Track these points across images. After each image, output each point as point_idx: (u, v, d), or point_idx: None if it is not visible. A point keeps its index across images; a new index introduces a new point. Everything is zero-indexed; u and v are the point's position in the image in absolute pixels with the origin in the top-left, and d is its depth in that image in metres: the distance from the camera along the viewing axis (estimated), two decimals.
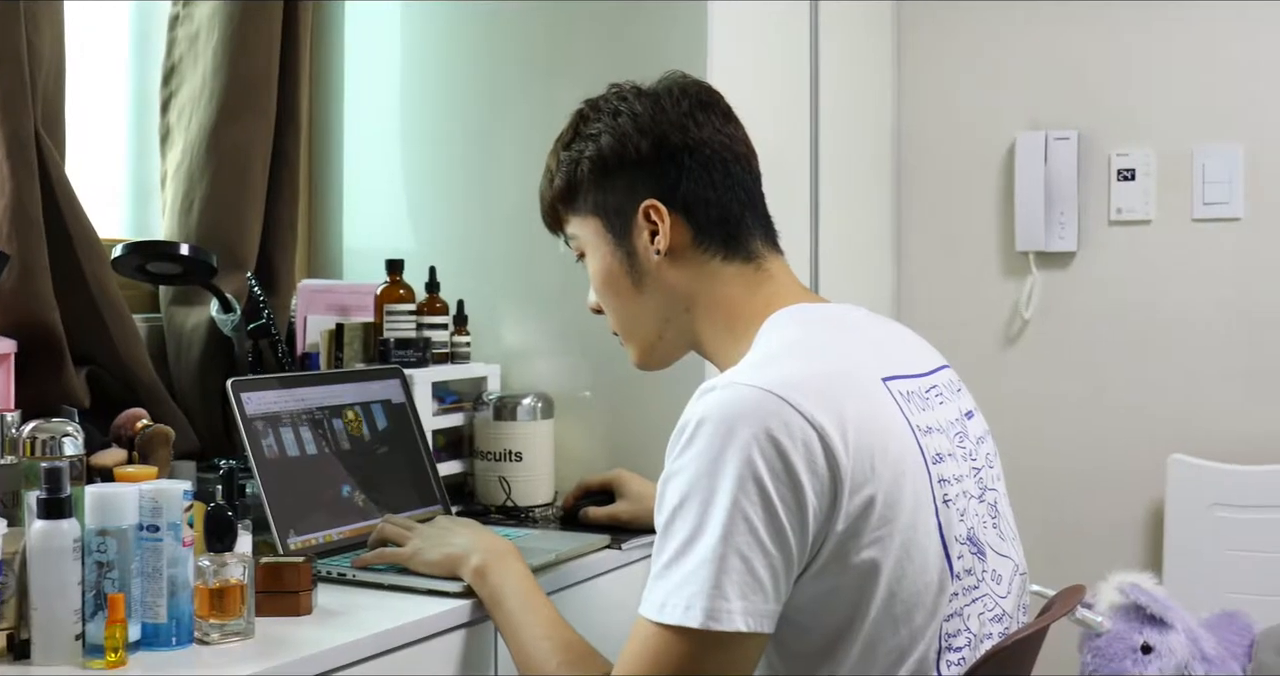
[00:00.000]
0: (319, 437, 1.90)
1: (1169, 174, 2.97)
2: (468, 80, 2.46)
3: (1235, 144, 2.93)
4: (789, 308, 1.50)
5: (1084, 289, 3.04)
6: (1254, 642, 2.55)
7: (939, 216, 3.16)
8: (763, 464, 1.28)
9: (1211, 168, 2.94)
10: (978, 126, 3.12)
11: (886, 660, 1.35)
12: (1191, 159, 2.95)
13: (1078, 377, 3.04)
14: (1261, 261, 2.91)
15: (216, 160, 2.23)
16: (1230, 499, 2.83)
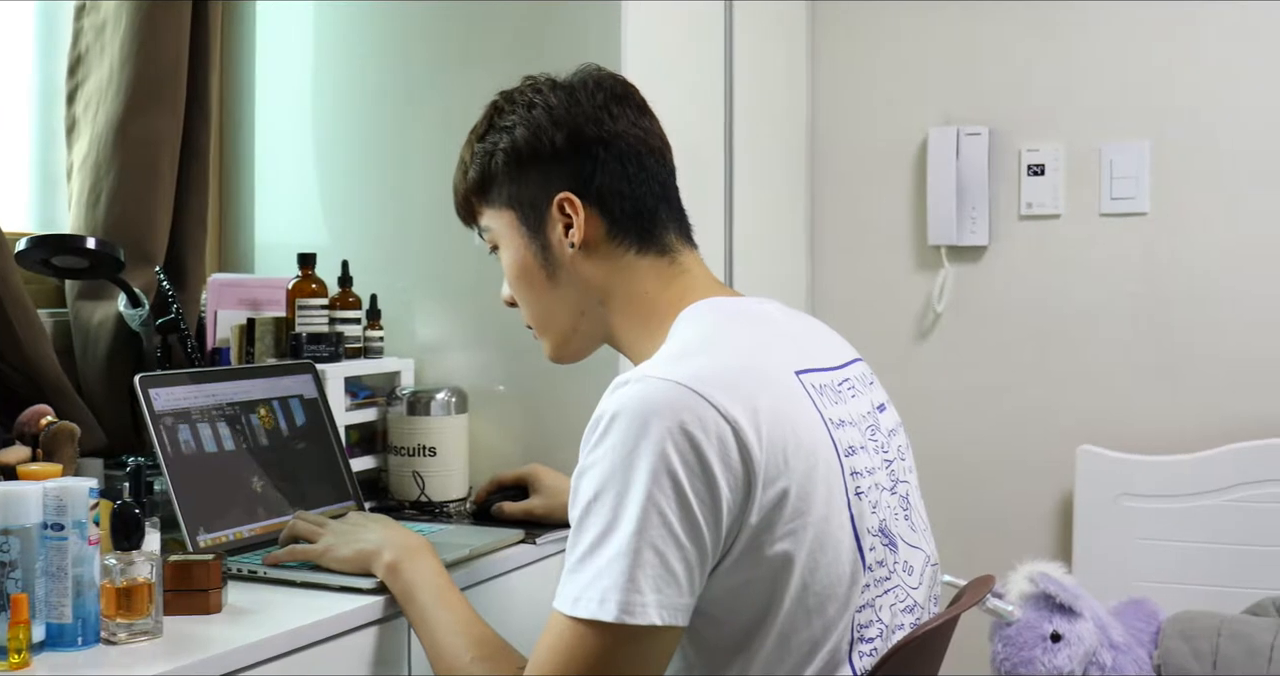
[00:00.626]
0: (229, 434, 1.88)
1: (1078, 169, 3.01)
2: (381, 73, 2.45)
3: (1142, 140, 2.97)
4: (703, 301, 1.51)
5: (995, 282, 3.07)
6: (1160, 629, 2.60)
7: (852, 211, 3.18)
8: (677, 457, 1.28)
9: (1119, 163, 2.99)
10: (891, 122, 3.15)
11: (800, 651, 1.36)
12: (1100, 155, 3.00)
13: (989, 370, 3.08)
14: (1167, 255, 2.96)
15: (124, 152, 2.20)
16: (1137, 489, 2.88)
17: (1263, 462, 2.82)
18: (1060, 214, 3.03)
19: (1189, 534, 2.85)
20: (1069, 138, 3.02)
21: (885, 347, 3.09)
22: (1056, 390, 3.03)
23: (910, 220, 3.13)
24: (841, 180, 3.19)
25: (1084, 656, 2.41)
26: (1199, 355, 2.94)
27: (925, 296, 3.12)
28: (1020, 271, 3.06)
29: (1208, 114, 2.93)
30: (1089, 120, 3.01)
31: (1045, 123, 3.04)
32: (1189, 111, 2.94)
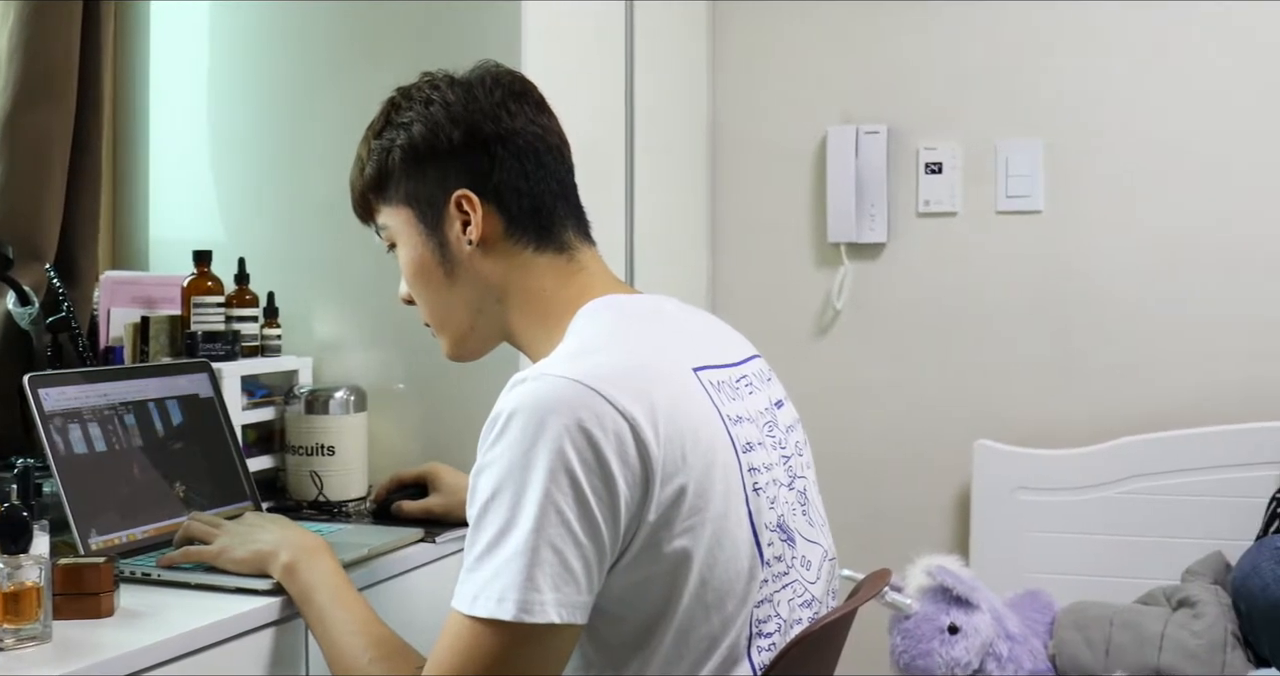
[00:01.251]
0: (122, 434, 1.84)
1: (974, 168, 3.06)
2: (280, 69, 2.42)
3: (1037, 139, 3.02)
4: (601, 299, 1.50)
5: (893, 279, 3.11)
6: (1055, 620, 2.65)
7: (753, 208, 3.20)
8: (574, 455, 1.28)
9: (1014, 162, 3.03)
10: (791, 121, 3.17)
11: (699, 647, 1.36)
12: (995, 153, 3.04)
13: (887, 366, 3.11)
14: (1060, 253, 3.01)
15: (12, 148, 2.15)
16: (1032, 482, 2.93)
17: (1153, 456, 2.89)
18: (957, 212, 3.07)
19: (1082, 526, 2.91)
20: (966, 136, 3.06)
21: (785, 344, 3.11)
22: (953, 386, 3.07)
23: (810, 217, 3.16)
24: (742, 178, 3.21)
25: (981, 647, 2.45)
26: (1092, 351, 2.99)
27: (825, 293, 3.14)
28: (918, 268, 3.09)
29: (1100, 114, 2.99)
30: (985, 119, 3.05)
31: (943, 121, 3.08)
32: (1081, 111, 2.99)
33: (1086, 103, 2.99)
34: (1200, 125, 2.94)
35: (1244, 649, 2.46)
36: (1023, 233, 3.03)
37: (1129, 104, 2.97)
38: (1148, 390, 2.96)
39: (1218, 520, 2.82)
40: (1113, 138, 2.98)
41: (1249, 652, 2.45)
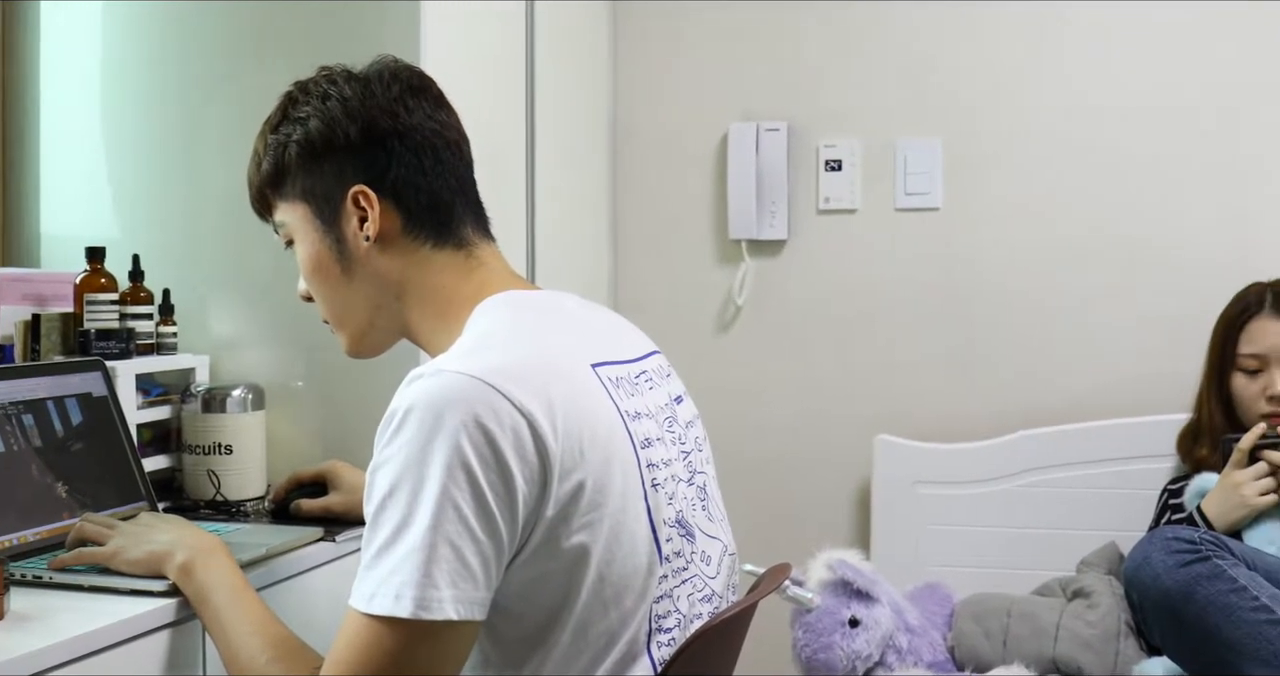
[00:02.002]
0: (12, 434, 1.81)
1: (873, 165, 3.08)
2: (175, 63, 2.38)
3: (935, 137, 3.05)
4: (499, 295, 1.50)
5: (794, 276, 3.13)
6: (954, 612, 2.68)
7: (655, 205, 3.21)
8: (471, 451, 1.27)
9: (913, 160, 3.06)
10: (692, 117, 3.18)
11: (598, 643, 1.36)
12: (895, 151, 3.07)
13: (788, 362, 3.13)
14: (958, 249, 3.04)
15: None
16: (932, 476, 2.96)
17: (1049, 449, 2.93)
18: (857, 208, 3.10)
19: (981, 519, 2.95)
20: (865, 134, 3.09)
21: (687, 340, 3.13)
22: (854, 381, 3.10)
23: (711, 214, 3.17)
24: (644, 175, 3.21)
25: (881, 640, 2.47)
26: (989, 347, 3.03)
27: (726, 290, 3.16)
28: (819, 265, 3.12)
29: (997, 113, 3.03)
30: (884, 117, 3.08)
31: (842, 119, 3.10)
32: (979, 110, 3.03)
33: (984, 102, 3.03)
34: (1094, 125, 2.98)
35: (1136, 638, 2.50)
36: (921, 230, 3.06)
37: (1025, 103, 3.01)
38: (1044, 385, 3.01)
39: (1112, 512, 2.87)
40: (1009, 136, 3.02)
41: (1141, 641, 2.50)
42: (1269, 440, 2.43)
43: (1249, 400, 2.58)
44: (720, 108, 3.16)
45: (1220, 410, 2.65)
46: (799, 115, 3.12)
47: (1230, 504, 2.42)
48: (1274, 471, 2.40)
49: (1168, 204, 2.96)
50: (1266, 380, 2.55)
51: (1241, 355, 2.59)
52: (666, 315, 3.14)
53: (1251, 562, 2.18)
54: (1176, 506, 2.60)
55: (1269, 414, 2.53)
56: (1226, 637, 2.07)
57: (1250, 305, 2.62)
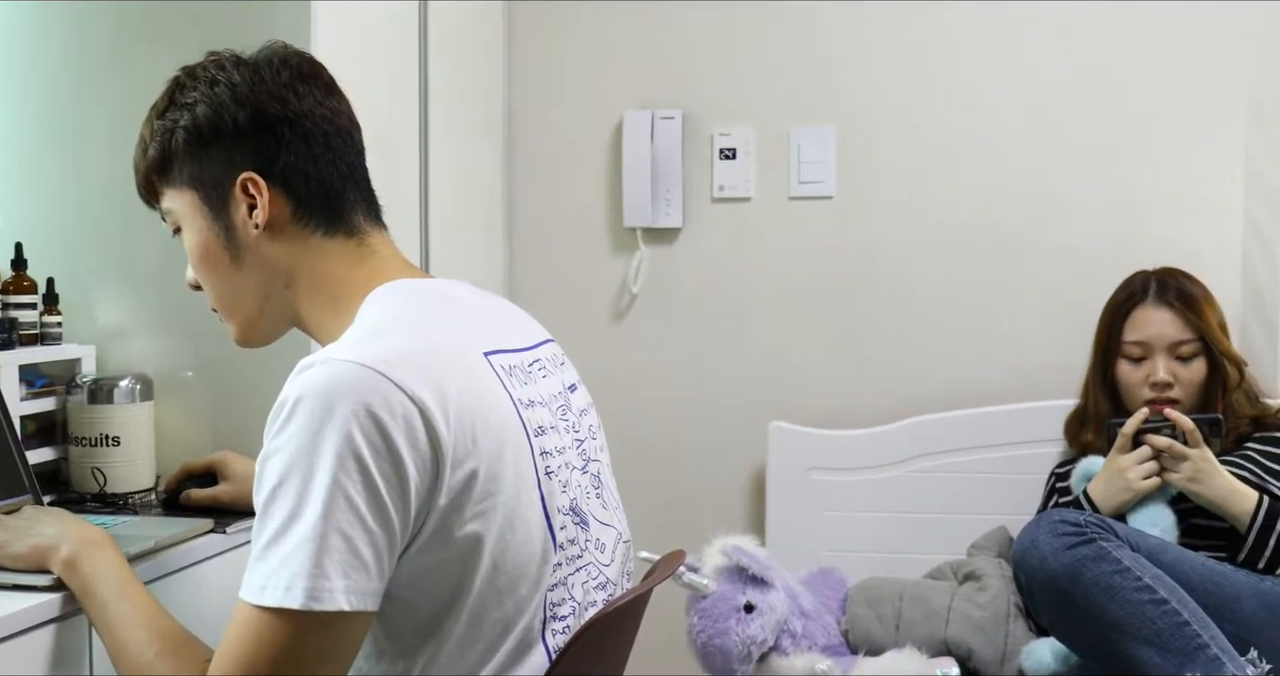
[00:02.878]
0: None
1: (768, 154, 3.10)
2: (56, 48, 2.33)
3: (829, 127, 3.08)
4: (391, 283, 1.49)
5: (689, 264, 3.14)
6: (847, 596, 2.71)
7: (550, 193, 3.20)
8: (363, 440, 1.26)
9: (806, 149, 3.08)
10: (587, 105, 3.17)
11: (492, 632, 1.36)
12: (788, 140, 3.09)
13: (684, 350, 3.14)
14: (851, 238, 3.07)
15: None
16: (825, 462, 2.99)
17: (940, 435, 2.97)
18: (751, 197, 3.11)
19: (874, 504, 2.98)
20: (760, 123, 3.10)
21: (582, 328, 3.13)
22: (749, 368, 3.12)
23: (606, 202, 3.17)
24: (539, 163, 3.20)
25: (776, 625, 2.49)
26: (881, 334, 3.07)
27: (621, 278, 3.16)
28: (713, 253, 3.13)
29: (889, 103, 3.06)
30: (779, 106, 3.10)
31: (737, 107, 3.12)
32: (872, 100, 3.06)
33: (877, 92, 3.06)
34: (983, 116, 3.03)
35: (1025, 619, 2.55)
36: (815, 218, 3.09)
37: (917, 94, 3.05)
38: (936, 372, 3.05)
39: (1002, 496, 2.91)
40: (901, 127, 3.06)
41: (1030, 623, 2.54)
42: (1151, 425, 2.48)
43: (1133, 387, 2.63)
44: (615, 96, 3.15)
45: (1106, 396, 2.70)
46: (694, 104, 3.12)
47: (1115, 487, 2.47)
48: (1156, 455, 2.45)
49: (1055, 194, 3.00)
50: (1150, 367, 2.61)
51: (1126, 343, 2.64)
52: (562, 303, 3.14)
53: (1135, 544, 2.22)
54: (1064, 490, 2.65)
55: (1152, 400, 2.58)
56: (1111, 617, 2.11)
57: (1135, 294, 2.67)
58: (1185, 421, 2.44)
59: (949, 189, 3.04)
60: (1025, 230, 3.01)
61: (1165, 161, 2.97)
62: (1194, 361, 2.61)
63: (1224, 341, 2.63)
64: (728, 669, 2.48)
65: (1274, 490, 2.46)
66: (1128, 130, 2.98)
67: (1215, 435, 2.48)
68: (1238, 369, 2.63)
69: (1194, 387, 2.61)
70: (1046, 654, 2.43)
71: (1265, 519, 2.37)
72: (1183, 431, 2.44)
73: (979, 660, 2.52)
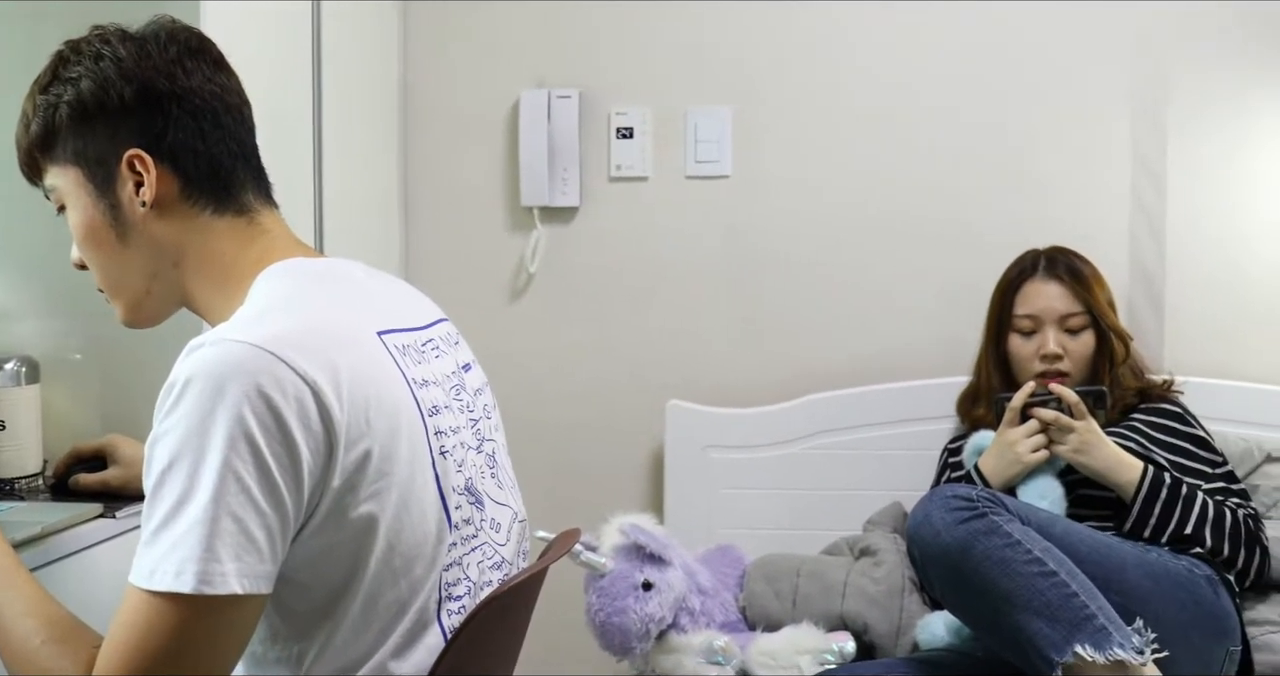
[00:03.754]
0: None
1: (664, 133, 3.10)
2: None
3: (725, 106, 3.09)
4: (282, 262, 1.47)
5: (586, 243, 3.13)
6: (745, 573, 2.73)
7: (446, 173, 3.18)
8: (254, 421, 1.25)
9: (703, 128, 3.09)
10: (483, 84, 3.15)
11: (387, 613, 1.35)
12: (685, 119, 3.09)
13: (581, 329, 3.14)
14: (748, 216, 3.09)
15: None
16: (723, 440, 3.01)
17: (835, 413, 3.00)
18: (648, 176, 3.12)
19: (771, 482, 3.00)
20: (656, 102, 3.10)
21: (479, 307, 3.11)
22: (647, 347, 3.12)
23: (503, 182, 3.16)
24: (435, 142, 3.18)
25: (674, 602, 2.50)
26: (778, 312, 3.09)
27: (518, 257, 3.15)
28: (611, 232, 3.13)
29: (785, 82, 3.07)
30: (675, 85, 3.10)
31: (634, 87, 3.11)
32: (768, 79, 3.08)
33: (772, 72, 3.07)
34: (878, 96, 3.05)
35: (920, 593, 2.58)
36: (711, 197, 3.10)
37: (813, 74, 3.06)
38: (831, 350, 3.07)
39: (896, 472, 2.95)
40: (797, 106, 3.07)
41: (924, 596, 2.58)
42: (1038, 398, 2.52)
43: (1024, 360, 2.67)
44: (512, 75, 3.14)
45: (998, 371, 2.74)
46: (591, 83, 3.12)
47: (1005, 461, 2.51)
48: (1044, 429, 2.50)
49: (948, 175, 3.04)
50: (1040, 340, 2.65)
51: (1017, 316, 2.69)
52: (458, 283, 3.12)
53: (1025, 517, 2.26)
54: (956, 465, 2.69)
55: (1043, 373, 2.63)
56: (1002, 590, 2.14)
57: (1026, 269, 2.72)
58: (1070, 394, 2.49)
59: (844, 169, 3.07)
60: (919, 210, 3.05)
61: (1055, 144, 3.02)
62: (1082, 334, 2.65)
63: (1111, 316, 2.69)
64: (626, 646, 2.49)
65: (1159, 459, 2.51)
66: (1018, 113, 3.02)
67: (1100, 407, 2.53)
68: (1124, 343, 2.68)
69: (1082, 361, 2.65)
70: (940, 626, 2.46)
71: (1150, 488, 2.42)
72: (1068, 404, 2.48)
73: (875, 634, 2.55)
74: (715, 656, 2.48)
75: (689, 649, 2.51)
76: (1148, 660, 2.08)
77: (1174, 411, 2.65)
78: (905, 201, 3.05)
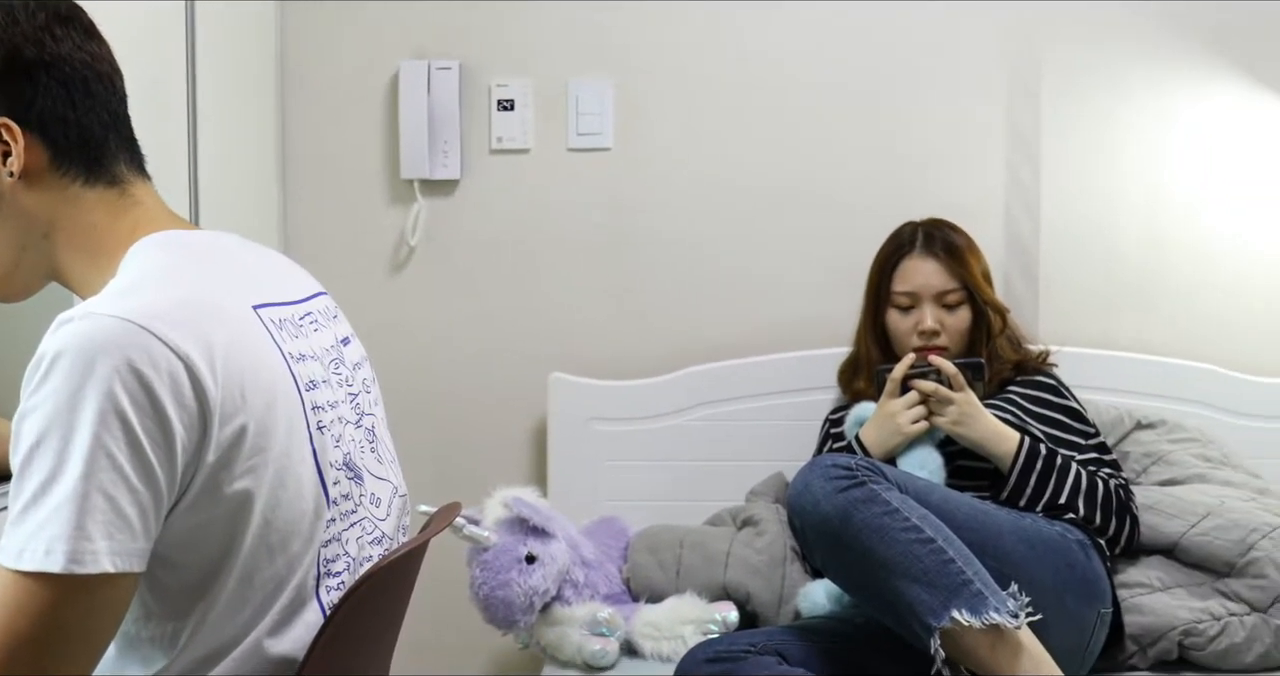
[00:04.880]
0: None
1: (546, 105, 3.09)
2: None
3: (606, 79, 3.08)
4: (155, 234, 1.44)
5: (468, 216, 3.11)
6: (628, 545, 2.74)
7: (325, 145, 3.13)
8: (126, 397, 1.22)
9: (584, 100, 3.08)
10: (362, 55, 3.11)
11: (264, 590, 1.34)
12: (566, 91, 3.08)
13: (463, 302, 3.12)
14: (629, 190, 3.09)
15: None
16: (605, 413, 3.01)
17: (718, 384, 3.02)
18: (530, 149, 3.10)
19: (654, 454, 3.01)
20: (537, 74, 3.09)
21: (360, 281, 3.08)
22: (528, 320, 3.11)
23: (383, 154, 3.12)
24: (314, 113, 3.13)
25: (557, 574, 2.51)
26: (660, 285, 3.10)
27: (399, 230, 3.12)
28: (492, 205, 3.11)
29: (667, 55, 3.08)
30: (556, 57, 3.09)
31: (515, 58, 3.09)
32: (650, 52, 3.08)
33: (654, 44, 3.07)
34: (759, 70, 3.07)
35: (801, 562, 2.62)
36: (593, 170, 3.09)
37: (694, 47, 3.07)
38: (713, 321, 3.09)
39: (778, 443, 2.97)
40: (678, 79, 3.08)
41: (805, 565, 2.61)
42: (918, 370, 2.56)
43: (902, 335, 2.71)
44: (391, 46, 3.10)
45: (877, 344, 2.78)
46: (471, 54, 3.09)
47: (886, 432, 2.55)
48: (924, 400, 2.53)
49: (827, 149, 3.07)
50: (918, 316, 2.69)
51: (895, 292, 2.72)
52: (338, 256, 3.08)
53: (904, 486, 2.29)
54: (838, 435, 2.72)
55: (921, 347, 2.67)
56: (881, 557, 2.17)
57: (903, 245, 2.75)
58: (949, 366, 2.53)
59: (724, 142, 3.08)
60: (799, 183, 3.07)
61: (932, 118, 3.06)
62: (959, 309, 2.70)
63: (988, 290, 2.73)
64: (510, 620, 2.49)
65: (1035, 431, 2.57)
66: (896, 87, 3.06)
67: (978, 379, 2.57)
68: (1001, 316, 2.73)
69: (960, 335, 2.70)
70: (821, 595, 2.50)
71: (1026, 459, 2.47)
72: (947, 376, 2.52)
73: (757, 603, 2.58)
74: (599, 628, 2.50)
75: (573, 621, 2.52)
76: (1022, 623, 2.13)
77: (1049, 384, 2.71)
78: (785, 174, 3.07)
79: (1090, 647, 2.37)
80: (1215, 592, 2.49)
